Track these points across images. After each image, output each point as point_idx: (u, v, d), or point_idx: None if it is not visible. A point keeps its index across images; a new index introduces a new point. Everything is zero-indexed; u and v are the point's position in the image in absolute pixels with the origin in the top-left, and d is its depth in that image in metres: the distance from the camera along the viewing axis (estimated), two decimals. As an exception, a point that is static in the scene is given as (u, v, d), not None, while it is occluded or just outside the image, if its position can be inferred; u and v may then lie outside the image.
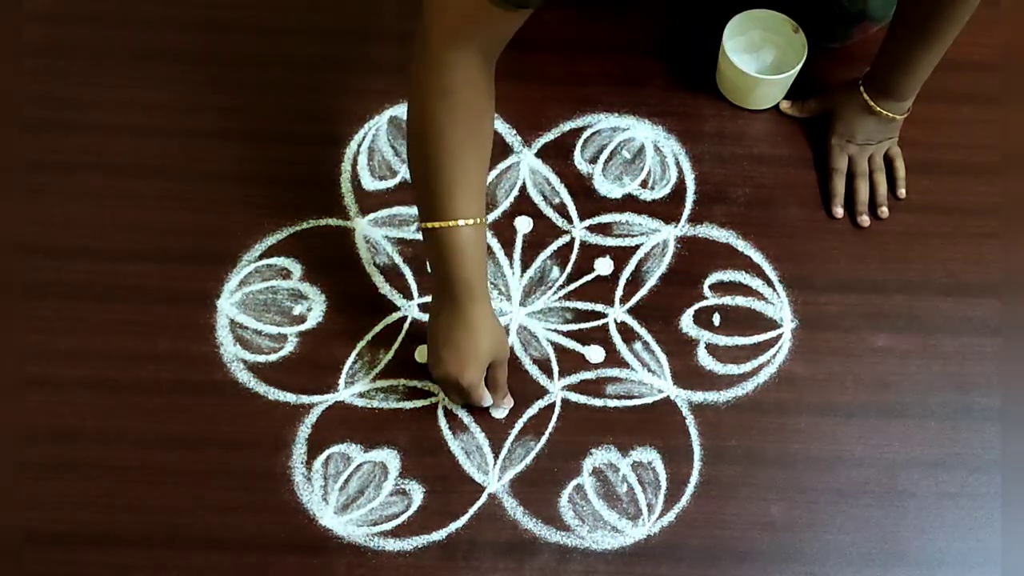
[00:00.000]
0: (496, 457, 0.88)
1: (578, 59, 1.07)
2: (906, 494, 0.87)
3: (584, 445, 0.88)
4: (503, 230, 0.98)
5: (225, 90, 1.04)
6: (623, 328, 0.94)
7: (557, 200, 1.00)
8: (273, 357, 0.91)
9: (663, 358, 0.92)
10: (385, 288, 0.95)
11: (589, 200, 1.00)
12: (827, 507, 0.86)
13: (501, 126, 1.03)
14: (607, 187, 1.00)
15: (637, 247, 0.97)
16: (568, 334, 0.93)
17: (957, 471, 0.88)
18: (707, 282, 0.96)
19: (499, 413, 0.89)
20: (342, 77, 1.06)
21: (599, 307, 0.95)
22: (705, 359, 0.92)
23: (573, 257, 0.97)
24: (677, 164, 1.02)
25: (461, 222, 0.79)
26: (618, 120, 1.04)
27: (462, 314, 0.82)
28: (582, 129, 1.03)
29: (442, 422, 0.89)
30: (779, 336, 0.93)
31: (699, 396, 0.91)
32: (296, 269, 0.95)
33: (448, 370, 0.83)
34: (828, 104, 1.01)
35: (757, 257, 0.97)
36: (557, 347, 0.93)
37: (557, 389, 0.91)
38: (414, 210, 0.99)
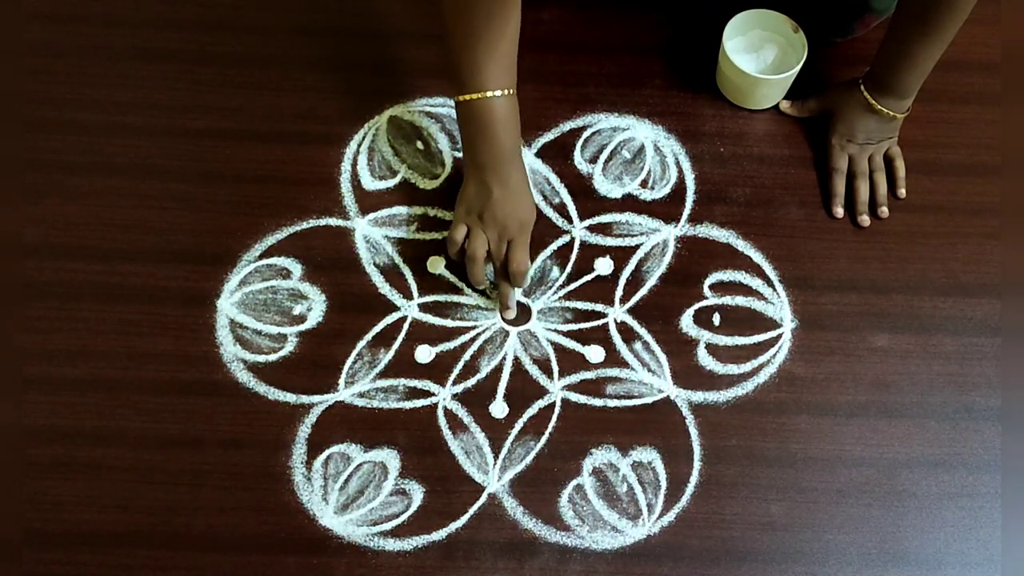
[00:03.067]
0: (496, 457, 0.88)
1: (578, 59, 1.07)
2: (906, 494, 0.87)
3: (584, 445, 0.88)
4: (503, 230, 0.98)
5: (225, 90, 1.04)
6: (623, 328, 0.94)
7: (557, 200, 1.00)
8: (273, 357, 0.91)
9: (663, 358, 0.92)
10: (385, 288, 0.95)
11: (589, 200, 1.00)
12: (827, 507, 0.86)
13: (501, 126, 1.03)
14: (607, 187, 1.00)
15: (637, 247, 0.97)
16: (568, 334, 0.93)
17: (957, 471, 0.88)
18: (707, 282, 0.96)
19: (520, 284, 0.92)
20: (342, 77, 1.06)
21: (599, 307, 0.95)
22: (705, 359, 0.92)
23: (573, 257, 0.97)
24: (677, 164, 1.02)
25: (489, 93, 0.84)
26: (618, 120, 1.04)
27: (492, 181, 0.86)
28: (582, 129, 1.03)
29: (442, 422, 0.89)
30: (779, 336, 0.93)
31: (699, 396, 0.91)
32: (296, 269, 0.95)
33: (475, 224, 0.89)
34: (828, 104, 1.01)
35: (757, 257, 0.97)
36: (557, 347, 0.93)
37: (557, 389, 0.91)
38: (414, 210, 0.99)
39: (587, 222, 0.99)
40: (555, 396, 0.91)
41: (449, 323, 0.93)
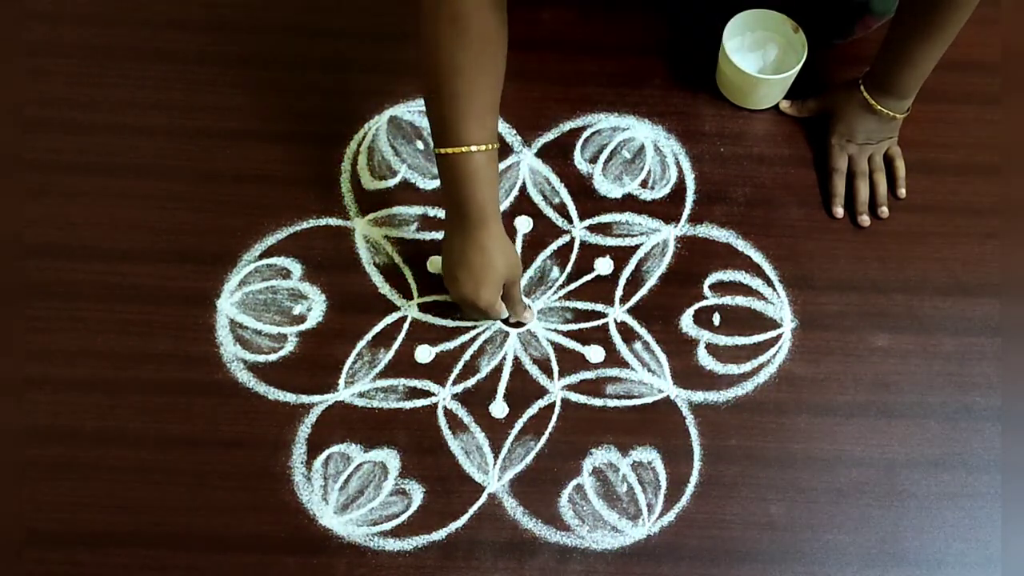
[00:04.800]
0: (496, 457, 0.88)
1: (578, 59, 1.07)
2: (906, 494, 0.87)
3: (584, 445, 0.88)
4: (503, 230, 0.98)
5: (225, 90, 1.04)
6: (623, 328, 0.94)
7: (557, 200, 1.00)
8: (273, 357, 0.91)
9: (663, 358, 0.92)
10: (385, 288, 0.95)
11: (589, 200, 1.00)
12: (827, 507, 0.86)
13: (501, 126, 1.03)
14: (607, 187, 1.00)
15: (637, 247, 0.97)
16: (568, 334, 0.93)
17: (957, 471, 0.88)
18: (707, 282, 0.96)
19: (527, 318, 0.93)
20: (342, 77, 1.06)
21: (599, 307, 0.95)
22: (705, 359, 0.92)
23: (573, 257, 0.97)
24: (677, 164, 1.02)
25: (472, 148, 0.81)
26: (618, 120, 1.04)
27: (474, 236, 0.84)
28: (582, 129, 1.03)
29: (442, 422, 0.89)
30: (779, 336, 0.93)
31: (699, 396, 0.91)
32: (296, 269, 0.95)
33: (464, 292, 0.86)
34: (828, 104, 1.01)
35: (757, 257, 0.97)
36: (557, 347, 0.93)
37: (557, 389, 0.91)
38: (414, 210, 0.99)
39: (587, 222, 0.99)
40: (555, 396, 0.91)
41: (449, 323, 0.93)
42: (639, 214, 0.99)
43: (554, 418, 0.90)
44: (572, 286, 0.96)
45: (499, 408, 0.90)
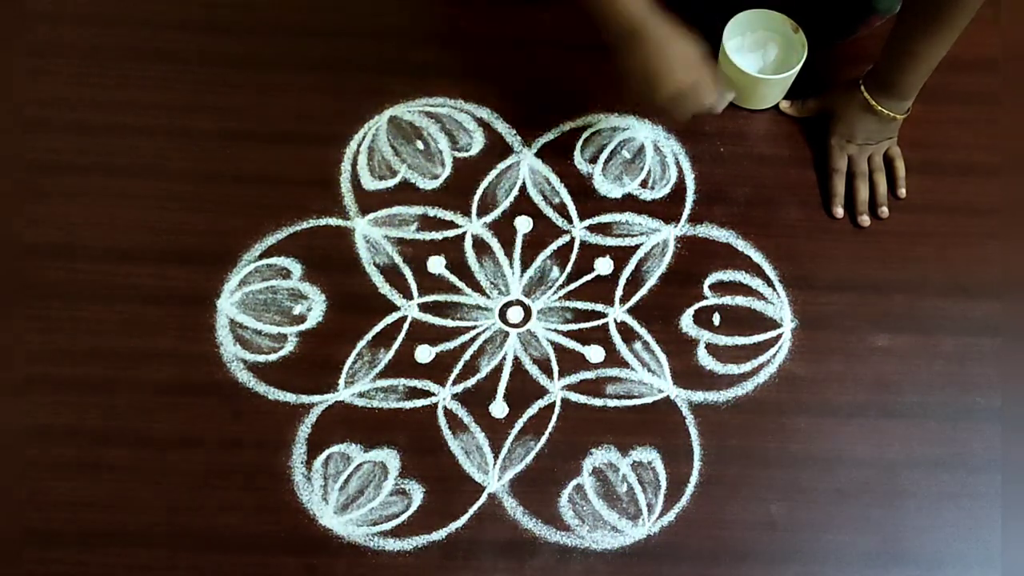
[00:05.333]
0: (496, 457, 0.88)
1: (578, 59, 1.07)
2: (906, 494, 0.87)
3: (584, 445, 0.88)
4: (503, 230, 0.98)
5: (225, 90, 1.04)
6: (623, 328, 0.94)
7: (557, 200, 1.00)
8: (273, 357, 0.91)
9: (663, 358, 0.92)
10: (385, 288, 0.95)
11: (589, 200, 1.00)
12: (827, 507, 0.86)
13: (501, 126, 1.03)
14: (607, 187, 1.00)
15: (637, 247, 0.97)
16: (568, 334, 0.93)
17: (957, 471, 0.88)
18: (707, 282, 0.96)
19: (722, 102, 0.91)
20: (342, 77, 1.06)
21: (599, 307, 0.95)
22: (705, 359, 0.92)
23: (573, 257, 0.97)
24: (677, 164, 1.02)
25: None
26: (618, 120, 1.04)
27: (650, 36, 0.84)
28: (582, 129, 1.03)
29: (442, 422, 0.89)
30: (779, 336, 0.93)
31: (699, 396, 0.91)
32: (296, 269, 0.95)
33: (666, 83, 0.85)
34: (828, 104, 1.01)
35: (757, 257, 0.97)
36: (557, 347, 0.93)
37: (557, 389, 0.91)
38: (414, 210, 0.99)
39: (587, 222, 0.99)
40: (555, 396, 0.91)
41: (449, 323, 0.94)
42: (639, 214, 0.99)
43: (554, 418, 0.90)
44: (572, 286, 0.96)
45: (499, 408, 0.90)
